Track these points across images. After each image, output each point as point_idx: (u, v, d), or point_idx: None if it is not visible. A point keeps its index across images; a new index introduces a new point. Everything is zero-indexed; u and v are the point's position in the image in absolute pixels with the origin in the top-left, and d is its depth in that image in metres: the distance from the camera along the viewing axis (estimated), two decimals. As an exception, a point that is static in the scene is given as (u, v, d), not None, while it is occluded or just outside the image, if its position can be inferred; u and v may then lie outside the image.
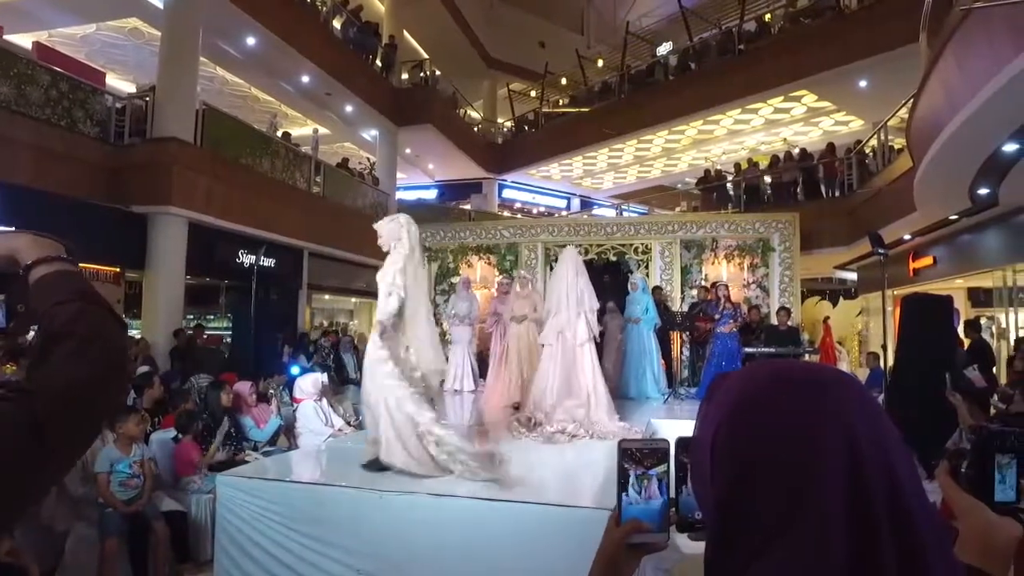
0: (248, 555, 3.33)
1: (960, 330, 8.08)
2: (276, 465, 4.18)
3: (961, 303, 10.52)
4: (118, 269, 8.62)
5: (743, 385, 0.66)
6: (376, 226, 4.06)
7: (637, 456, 0.76)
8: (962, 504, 0.76)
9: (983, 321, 10.20)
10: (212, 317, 11.28)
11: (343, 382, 8.16)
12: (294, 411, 5.92)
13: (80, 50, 11.65)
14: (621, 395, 6.96)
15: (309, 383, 5.98)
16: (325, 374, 6.89)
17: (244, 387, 5.70)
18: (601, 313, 6.35)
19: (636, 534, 0.75)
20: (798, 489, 0.58)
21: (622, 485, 0.76)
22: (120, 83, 12.28)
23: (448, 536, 3.01)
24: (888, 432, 0.61)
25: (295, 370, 6.93)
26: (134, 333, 8.63)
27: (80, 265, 0.84)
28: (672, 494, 0.77)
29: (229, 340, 10.76)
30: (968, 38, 4.98)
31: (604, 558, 0.77)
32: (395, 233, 4.00)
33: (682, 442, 0.78)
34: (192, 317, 10.21)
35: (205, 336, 9.43)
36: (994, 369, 7.70)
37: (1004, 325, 9.73)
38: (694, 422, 0.71)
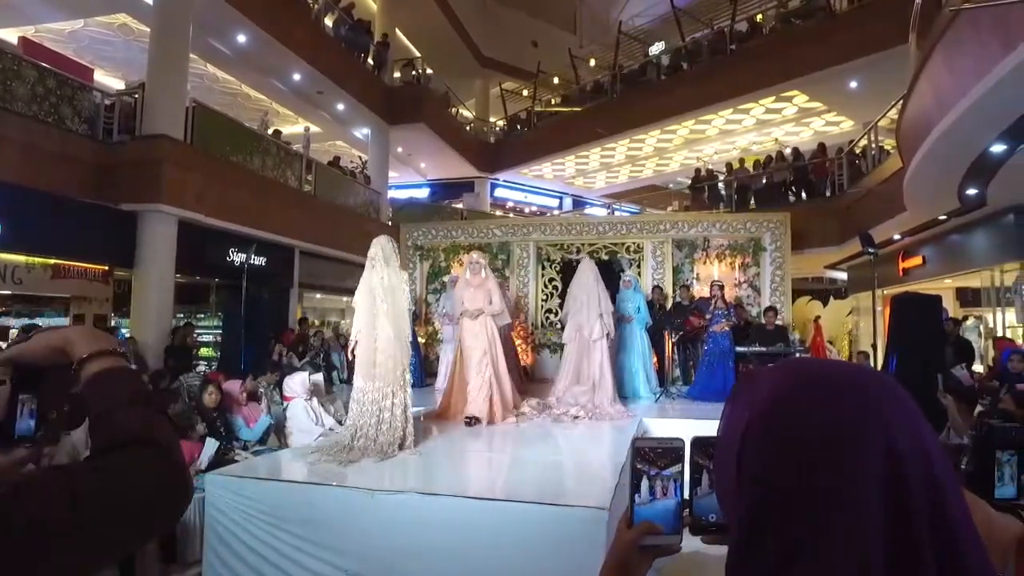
0: (237, 555, 3.31)
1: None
2: (266, 464, 4.16)
3: (950, 303, 10.62)
4: (107, 267, 8.55)
5: (776, 383, 0.63)
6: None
7: (651, 456, 0.74)
8: None
9: (970, 321, 10.31)
10: (202, 316, 11.20)
11: (332, 381, 8.13)
12: (284, 410, 5.89)
13: (68, 46, 11.53)
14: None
15: (299, 382, 5.95)
16: (320, 373, 6.85)
17: (234, 386, 5.67)
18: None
19: (649, 536, 0.73)
20: (835, 491, 0.55)
21: (635, 486, 0.74)
22: (109, 80, 12.16)
23: (438, 536, 2.99)
24: (927, 433, 0.59)
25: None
26: (123, 332, 8.58)
27: (69, 263, 0.81)
28: (686, 495, 0.75)
29: (219, 339, 10.71)
30: (957, 39, 5.01)
31: (615, 560, 0.75)
32: None
33: (698, 442, 0.76)
34: (182, 316, 10.14)
35: (196, 335, 9.39)
36: (974, 366, 7.78)
37: (991, 325, 9.82)
38: (718, 422, 0.68)
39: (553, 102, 20.46)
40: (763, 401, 0.62)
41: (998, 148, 5.48)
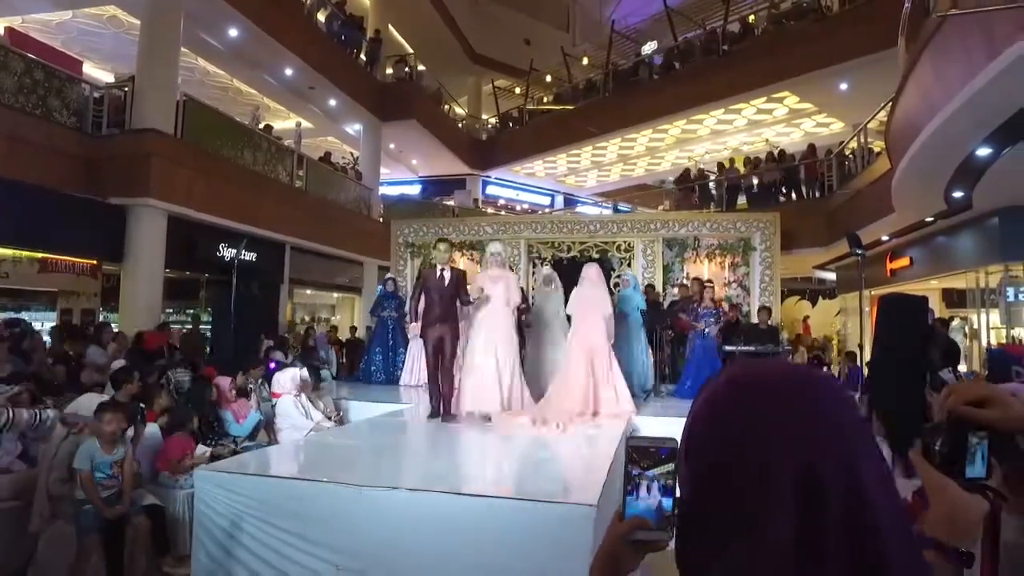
0: (226, 550, 3.30)
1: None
2: (255, 460, 4.15)
3: (936, 304, 10.73)
4: (95, 262, 8.48)
5: (714, 386, 0.66)
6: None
7: (644, 454, 0.74)
8: (932, 482, 0.78)
9: (956, 323, 10.42)
10: (192, 311, 11.14)
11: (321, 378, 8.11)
12: (272, 406, 5.87)
13: (56, 37, 11.40)
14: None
15: (288, 378, 5.93)
16: (305, 369, 6.81)
17: (224, 382, 5.65)
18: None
19: (639, 531, 0.74)
20: (751, 492, 0.58)
21: (628, 482, 0.75)
22: (98, 72, 12.04)
23: (427, 532, 3.01)
24: (856, 436, 0.60)
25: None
26: (112, 327, 8.50)
27: (57, 257, 0.77)
28: (679, 493, 0.77)
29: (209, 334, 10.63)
30: (944, 44, 5.07)
31: (605, 553, 0.76)
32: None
33: None
34: (171, 311, 10.08)
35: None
36: (959, 367, 7.88)
37: (976, 326, 9.94)
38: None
39: (545, 100, 20.47)
40: (704, 403, 0.66)
41: (984, 152, 5.54)
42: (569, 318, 6.54)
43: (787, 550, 0.56)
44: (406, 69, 16.29)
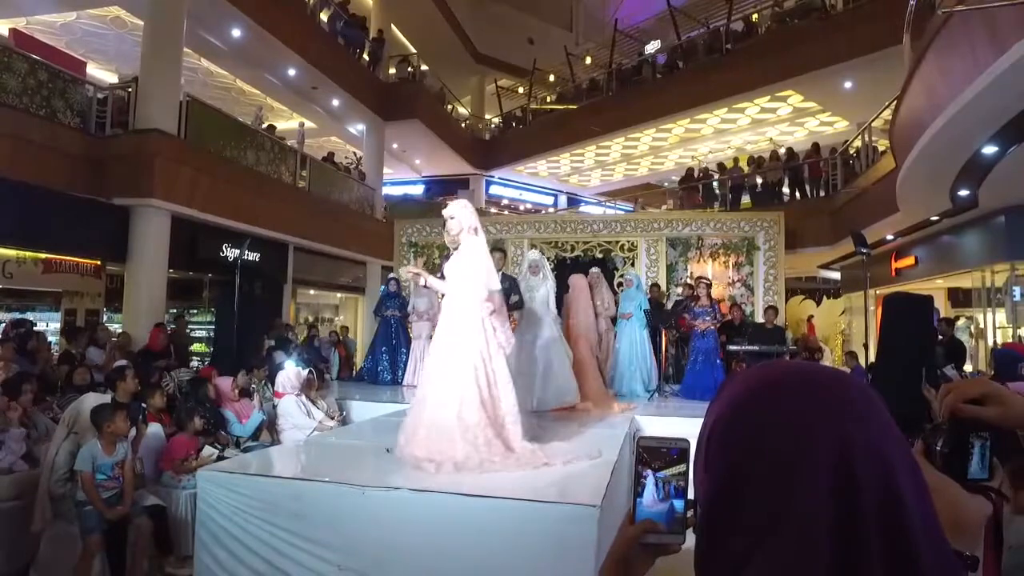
0: (228, 551, 3.30)
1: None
2: (257, 460, 4.15)
3: (941, 303, 10.67)
4: (99, 262, 8.50)
5: (744, 383, 0.65)
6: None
7: (654, 455, 0.73)
8: (933, 483, 0.77)
9: (961, 322, 10.38)
10: (195, 311, 11.17)
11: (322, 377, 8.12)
12: (274, 406, 5.86)
13: (60, 38, 11.44)
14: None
15: (294, 375, 5.93)
16: (308, 370, 6.82)
17: (226, 382, 5.66)
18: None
19: (650, 534, 0.72)
20: (784, 490, 0.56)
21: (638, 484, 0.74)
22: (102, 73, 12.08)
23: (430, 532, 3.00)
24: (889, 438, 0.59)
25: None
26: (115, 327, 8.53)
27: (61, 257, 0.76)
28: (691, 495, 0.75)
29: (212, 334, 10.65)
30: (950, 41, 5.04)
31: (615, 556, 0.75)
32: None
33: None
34: (175, 311, 10.10)
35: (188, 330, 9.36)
36: (967, 367, 7.86)
37: (982, 325, 9.88)
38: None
39: (549, 99, 20.44)
40: (727, 401, 0.64)
41: (990, 150, 5.51)
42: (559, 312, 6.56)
43: (825, 552, 0.54)
44: (409, 69, 16.30)
